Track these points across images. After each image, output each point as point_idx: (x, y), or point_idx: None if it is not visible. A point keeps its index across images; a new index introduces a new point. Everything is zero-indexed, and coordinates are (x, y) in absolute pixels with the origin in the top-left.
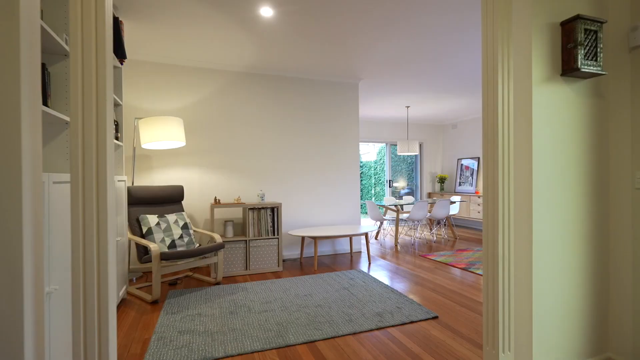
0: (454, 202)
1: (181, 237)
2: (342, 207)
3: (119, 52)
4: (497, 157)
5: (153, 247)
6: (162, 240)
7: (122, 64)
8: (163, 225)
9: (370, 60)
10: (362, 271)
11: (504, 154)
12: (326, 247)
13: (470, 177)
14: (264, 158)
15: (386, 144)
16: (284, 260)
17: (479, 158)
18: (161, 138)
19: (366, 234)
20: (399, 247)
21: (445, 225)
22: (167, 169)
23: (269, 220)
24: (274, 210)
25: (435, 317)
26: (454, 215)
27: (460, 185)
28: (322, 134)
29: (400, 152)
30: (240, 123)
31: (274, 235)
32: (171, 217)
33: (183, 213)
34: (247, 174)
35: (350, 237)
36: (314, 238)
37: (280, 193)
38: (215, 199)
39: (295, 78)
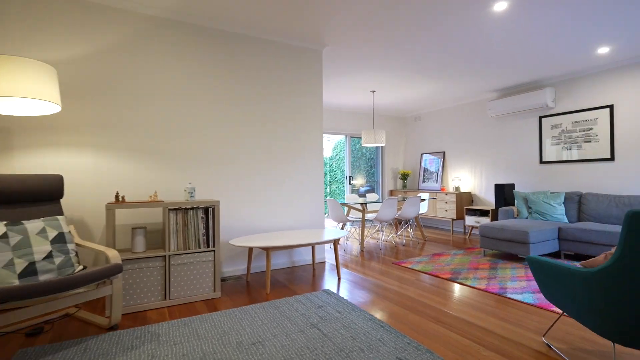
0: (424, 200)
1: (49, 256)
2: (303, 207)
3: None
4: None
5: None
6: (8, 265)
7: None
8: (14, 239)
9: (338, 20)
10: (332, 292)
11: None
12: (282, 258)
13: (435, 174)
14: (195, 140)
15: (346, 137)
16: (223, 280)
17: (444, 153)
18: (20, 92)
19: (335, 242)
20: (365, 254)
21: (413, 225)
22: (39, 151)
23: (201, 225)
24: (209, 211)
25: None
26: (422, 214)
27: (424, 182)
28: (277, 114)
29: (365, 144)
30: (160, 91)
31: (208, 246)
32: (32, 226)
33: (59, 218)
34: (169, 162)
35: (314, 245)
36: (266, 249)
37: (218, 188)
38: (117, 196)
39: (241, 35)
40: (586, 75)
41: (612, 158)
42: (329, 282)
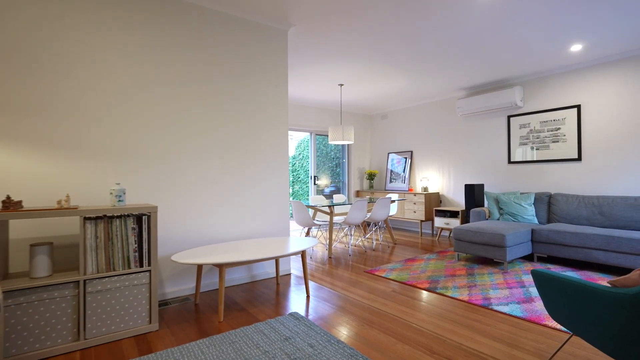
0: (394, 201)
1: None
2: (265, 211)
3: None
4: None
5: None
6: None
7: None
8: None
9: None
10: (300, 317)
11: None
12: (240, 272)
13: (402, 174)
14: (128, 129)
15: (311, 134)
16: (164, 305)
17: (411, 152)
18: None
19: (303, 253)
20: (333, 260)
21: (382, 228)
22: None
23: (132, 238)
24: (142, 220)
25: None
26: (391, 216)
27: (391, 182)
28: (233, 100)
29: (333, 141)
30: (81, 60)
31: (141, 265)
32: None
33: None
34: (90, 156)
35: (278, 258)
36: (219, 266)
37: (158, 190)
38: (8, 201)
39: (192, 5)
40: (555, 74)
41: (579, 158)
42: (297, 301)
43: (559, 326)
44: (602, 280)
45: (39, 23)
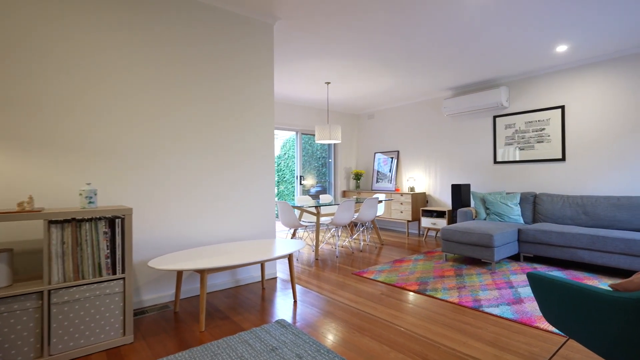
0: (382, 201)
1: None
2: (250, 212)
3: None
4: None
5: None
6: None
7: None
8: None
9: None
10: (287, 324)
11: None
12: (223, 277)
13: (389, 173)
14: (100, 124)
15: (297, 133)
16: (141, 313)
17: (398, 152)
18: None
19: (290, 256)
20: (320, 262)
21: (369, 228)
22: None
23: (104, 243)
24: (115, 223)
25: None
26: (379, 216)
27: (377, 182)
28: (216, 96)
29: (320, 140)
30: (42, 47)
31: (114, 272)
32: None
33: None
34: (57, 153)
35: (263, 262)
36: (201, 272)
37: (133, 191)
38: None
39: None
40: (540, 75)
41: (563, 158)
42: (283, 307)
43: (550, 328)
44: (588, 280)
45: None
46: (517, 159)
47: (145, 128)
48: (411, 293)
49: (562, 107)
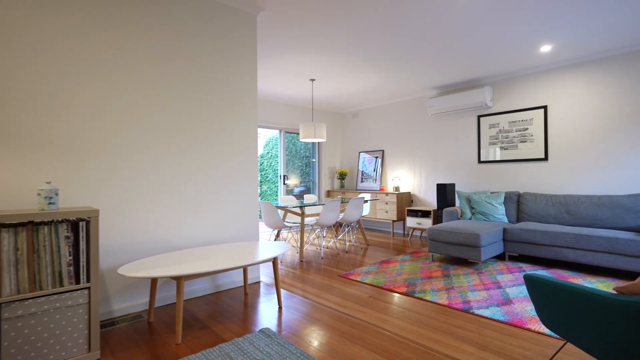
0: (367, 201)
1: None
2: (231, 214)
3: None
4: None
5: None
6: None
7: None
8: None
9: None
10: (272, 333)
11: None
12: (202, 282)
13: (374, 173)
14: (63, 115)
15: (280, 131)
16: (108, 326)
17: (382, 151)
18: None
19: (275, 260)
20: (304, 264)
21: (355, 229)
22: None
23: (66, 249)
24: (79, 226)
25: None
26: (364, 216)
27: (362, 181)
28: (196, 92)
29: (304, 139)
30: (11, 32)
31: (77, 282)
32: None
33: None
34: (9, 147)
35: (246, 267)
36: (177, 278)
37: (103, 191)
38: None
39: None
40: (524, 75)
41: (546, 158)
42: (267, 314)
43: (542, 330)
44: (573, 279)
45: None
46: (501, 158)
47: (117, 124)
48: (400, 295)
49: (545, 107)
